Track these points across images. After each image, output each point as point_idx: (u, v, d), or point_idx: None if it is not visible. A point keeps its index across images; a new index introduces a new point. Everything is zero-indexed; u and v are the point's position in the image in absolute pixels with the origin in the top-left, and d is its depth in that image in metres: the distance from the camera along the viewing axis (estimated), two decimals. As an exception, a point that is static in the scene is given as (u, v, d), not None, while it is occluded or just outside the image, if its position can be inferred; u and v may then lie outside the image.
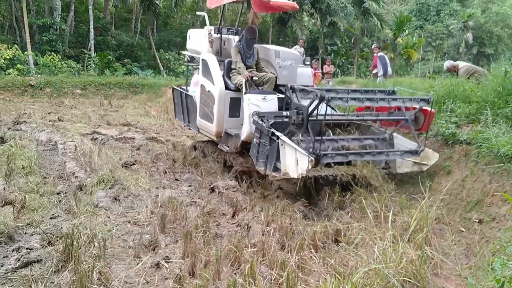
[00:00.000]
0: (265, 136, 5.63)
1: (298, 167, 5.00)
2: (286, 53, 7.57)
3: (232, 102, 6.91)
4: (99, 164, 6.88)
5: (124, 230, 4.79)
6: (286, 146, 5.24)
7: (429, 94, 6.40)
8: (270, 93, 6.54)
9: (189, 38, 8.51)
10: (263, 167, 5.72)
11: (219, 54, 7.55)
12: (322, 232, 4.54)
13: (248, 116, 6.23)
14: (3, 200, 5.33)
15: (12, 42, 23.03)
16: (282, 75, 7.24)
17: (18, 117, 12.08)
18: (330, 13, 31.17)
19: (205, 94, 7.20)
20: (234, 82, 6.95)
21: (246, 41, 7.08)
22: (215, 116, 6.93)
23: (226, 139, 6.96)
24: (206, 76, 7.17)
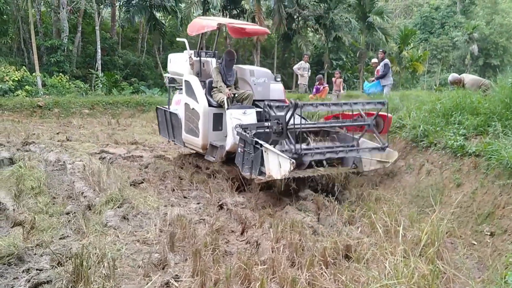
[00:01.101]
0: (249, 145, 6.42)
1: (281, 169, 5.74)
2: (259, 72, 8.55)
3: (215, 117, 7.75)
4: (107, 183, 6.90)
5: (133, 249, 4.77)
6: (269, 152, 5.98)
7: (384, 99, 7.32)
8: (250, 108, 7.50)
9: (170, 62, 9.36)
10: (248, 173, 6.48)
11: (200, 75, 8.44)
12: (332, 248, 4.50)
13: (231, 129, 7.04)
14: (13, 221, 5.36)
15: (20, 64, 23.30)
16: (257, 91, 8.13)
17: (27, 138, 12.17)
18: (334, 28, 31.34)
19: (190, 111, 8.02)
20: (216, 99, 7.76)
21: (226, 62, 8.03)
22: (200, 131, 7.73)
23: (211, 151, 7.74)
24: (190, 95, 8.02)
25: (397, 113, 8.26)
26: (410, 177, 6.72)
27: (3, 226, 5.52)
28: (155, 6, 28.97)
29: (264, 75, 8.44)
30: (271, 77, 8.62)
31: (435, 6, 47.19)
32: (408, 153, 7.12)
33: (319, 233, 5.22)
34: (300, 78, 17.48)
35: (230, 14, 31.64)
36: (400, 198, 6.26)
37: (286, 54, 37.48)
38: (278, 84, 8.66)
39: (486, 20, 41.79)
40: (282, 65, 36.27)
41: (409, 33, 34.17)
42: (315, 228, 5.37)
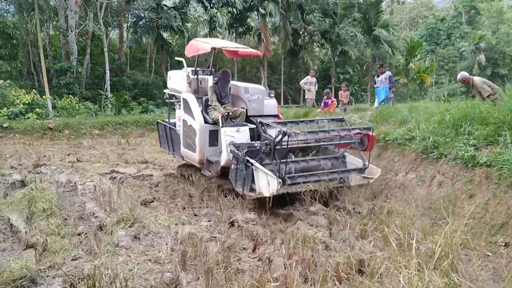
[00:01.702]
0: (241, 163, 6.92)
1: (270, 188, 6.30)
2: (253, 89, 8.93)
3: (211, 134, 8.17)
4: (118, 203, 6.91)
5: (145, 269, 4.76)
6: (259, 171, 6.51)
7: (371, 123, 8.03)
8: (243, 125, 7.85)
9: (169, 79, 9.87)
10: (241, 188, 7.01)
11: (197, 92, 8.86)
12: (345, 263, 4.45)
13: (225, 146, 7.48)
14: (25, 244, 5.38)
15: (30, 87, 23.61)
16: (252, 107, 8.60)
17: (38, 160, 12.27)
18: (340, 42, 31.50)
19: (187, 127, 8.46)
20: (211, 117, 8.17)
21: (222, 81, 8.49)
22: (197, 146, 8.17)
23: (207, 165, 8.17)
24: (188, 113, 8.42)
25: (406, 125, 8.23)
26: (421, 189, 6.67)
27: (16, 248, 5.55)
28: (162, 26, 29.34)
29: (258, 92, 8.89)
30: (265, 93, 9.04)
31: (440, 17, 47.30)
32: (418, 165, 7.08)
33: (331, 248, 5.18)
34: (307, 93, 17.50)
35: (236, 32, 31.93)
36: (412, 211, 6.21)
37: (292, 70, 37.65)
38: (272, 99, 9.09)
39: (492, 29, 41.78)
40: (289, 80, 36.41)
41: (415, 45, 34.23)
42: (327, 243, 5.33)
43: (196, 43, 9.22)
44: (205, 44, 8.77)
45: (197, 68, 9.08)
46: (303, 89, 18.88)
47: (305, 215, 6.50)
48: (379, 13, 32.77)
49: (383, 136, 8.36)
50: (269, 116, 8.60)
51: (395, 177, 7.44)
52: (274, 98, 9.18)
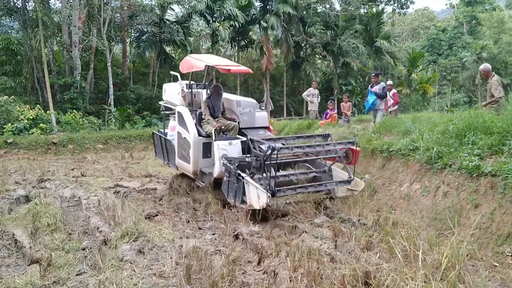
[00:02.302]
0: (233, 176, 7.26)
1: (260, 201, 6.63)
2: (245, 102, 9.26)
3: (204, 146, 8.42)
4: (122, 217, 6.90)
5: (150, 283, 4.74)
6: (250, 184, 6.83)
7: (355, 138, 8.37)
8: (235, 139, 8.14)
9: (164, 91, 10.16)
10: (233, 200, 7.32)
11: (191, 105, 9.11)
12: (351, 275, 4.41)
13: (218, 159, 7.78)
14: (30, 259, 5.37)
15: (34, 103, 23.75)
16: (244, 120, 8.93)
17: (42, 175, 12.30)
18: (342, 54, 31.64)
19: (182, 140, 8.76)
20: (205, 130, 8.43)
21: (214, 95, 8.77)
22: (191, 158, 8.44)
23: (201, 176, 8.45)
24: (182, 126, 8.72)
25: (410, 136, 8.22)
26: (426, 199, 6.64)
27: (20, 264, 5.54)
28: (165, 41, 29.59)
29: (250, 105, 9.21)
30: (256, 106, 9.38)
31: (442, 28, 47.43)
32: (423, 175, 7.05)
33: (337, 260, 5.14)
34: (310, 105, 17.53)
35: (238, 45, 32.12)
36: (417, 222, 6.17)
37: (295, 82, 37.79)
38: (263, 112, 9.45)
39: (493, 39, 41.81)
40: (292, 92, 36.51)
41: (417, 55, 34.35)
42: (332, 255, 5.29)
43: (190, 59, 9.46)
44: (199, 62, 9.03)
45: (191, 82, 9.35)
46: (306, 101, 18.90)
47: (310, 227, 6.47)
48: (380, 25, 32.96)
49: (386, 147, 8.35)
50: (260, 128, 9.04)
51: (399, 188, 7.41)
52: (265, 110, 9.61)
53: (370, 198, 7.52)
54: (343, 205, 7.35)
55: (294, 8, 30.09)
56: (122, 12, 29.01)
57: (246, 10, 30.79)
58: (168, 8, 30.33)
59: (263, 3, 32.04)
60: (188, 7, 30.39)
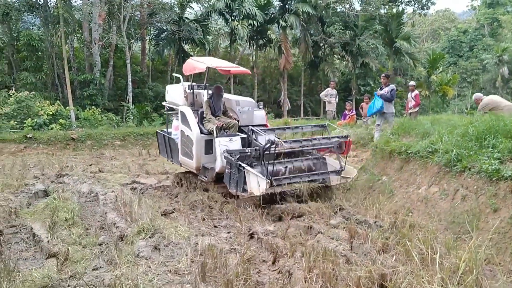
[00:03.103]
0: (234, 167, 7.74)
1: (259, 187, 7.18)
2: (244, 101, 9.86)
3: (206, 143, 8.89)
4: (139, 214, 6.95)
5: (165, 280, 4.76)
6: (250, 173, 7.36)
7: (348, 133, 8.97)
8: (235, 135, 8.69)
9: (167, 92, 10.54)
10: (234, 190, 7.81)
11: (193, 105, 9.61)
12: (366, 277, 4.38)
13: (219, 154, 8.27)
14: (47, 253, 5.43)
15: (54, 98, 24.04)
16: (243, 118, 9.44)
17: (60, 170, 12.45)
18: (361, 54, 31.43)
19: (185, 137, 9.21)
20: (206, 128, 8.91)
21: (215, 96, 9.25)
22: (194, 155, 8.91)
23: (204, 172, 8.93)
24: (185, 124, 9.14)
25: (429, 138, 8.13)
26: (444, 203, 6.55)
27: (38, 257, 5.61)
28: (183, 39, 29.71)
29: (248, 104, 9.80)
30: (254, 105, 9.92)
31: (462, 29, 46.85)
32: (441, 178, 6.96)
33: (352, 262, 5.10)
34: (327, 105, 17.43)
35: (256, 44, 32.12)
36: (435, 225, 6.10)
37: (313, 82, 37.65)
38: (261, 111, 9.94)
39: (515, 41, 41.18)
40: (309, 92, 36.39)
41: (437, 57, 33.97)
42: (348, 256, 5.26)
43: (192, 62, 9.98)
44: (200, 64, 9.56)
45: (192, 83, 9.84)
46: (324, 101, 18.81)
47: (326, 228, 6.45)
48: (400, 25, 32.67)
49: (405, 149, 8.26)
50: (258, 125, 9.29)
51: (417, 190, 7.33)
52: (262, 109, 10.05)
53: (387, 200, 7.45)
54: (360, 206, 7.27)
55: (313, 8, 29.99)
56: (142, 10, 29.21)
57: (265, 9, 30.78)
58: (187, 6, 30.49)
59: (282, 2, 31.99)
60: (207, 5, 30.50)
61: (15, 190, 9.48)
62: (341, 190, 8.83)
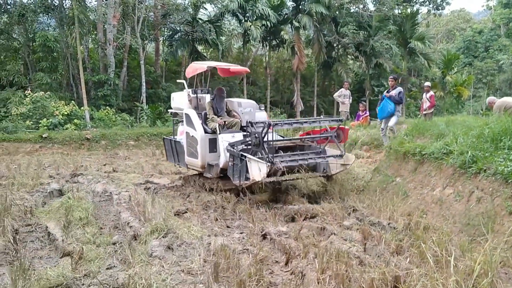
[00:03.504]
0: (236, 158, 8.20)
1: (261, 173, 7.56)
2: (246, 103, 10.50)
3: (210, 142, 9.39)
4: (152, 213, 6.99)
5: (178, 280, 4.77)
6: (252, 161, 7.79)
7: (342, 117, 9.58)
8: (237, 132, 9.29)
9: (172, 99, 11.02)
10: (238, 180, 8.20)
11: (197, 108, 10.15)
12: (380, 279, 4.36)
13: (223, 150, 8.83)
14: (62, 252, 5.48)
15: (69, 99, 24.27)
16: (245, 119, 9.72)
17: (75, 169, 12.57)
18: (375, 55, 31.23)
19: (190, 138, 9.65)
20: (210, 127, 9.44)
21: (217, 97, 9.86)
22: (199, 153, 9.38)
23: (209, 169, 9.39)
24: (190, 125, 9.64)
25: (443, 139, 8.06)
26: (459, 204, 6.50)
27: (53, 256, 5.67)
28: (197, 40, 29.77)
29: (250, 106, 10.37)
30: (256, 106, 10.45)
31: (478, 30, 46.35)
32: (456, 180, 6.90)
33: (366, 263, 5.07)
34: (341, 106, 17.32)
35: (270, 45, 32.09)
36: (449, 227, 6.05)
37: (326, 82, 37.50)
38: (262, 112, 10.47)
39: (532, 42, 40.66)
40: (323, 93, 36.26)
41: (452, 57, 33.63)
42: (361, 258, 5.23)
43: (195, 65, 10.92)
44: (202, 65, 10.58)
45: (195, 88, 10.55)
46: (337, 101, 18.72)
47: (339, 229, 6.42)
48: (415, 26, 32.39)
49: (419, 150, 8.21)
50: None
51: (431, 192, 7.27)
52: (264, 111, 10.59)
53: (401, 202, 7.41)
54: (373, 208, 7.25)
55: (327, 8, 29.87)
56: (156, 11, 29.34)
57: (279, 10, 30.71)
58: (201, 7, 30.55)
59: (295, 3, 31.91)
60: (221, 6, 30.50)
61: (31, 189, 9.60)
62: (354, 191, 8.84)
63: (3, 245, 5.72)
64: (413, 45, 31.54)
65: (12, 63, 25.66)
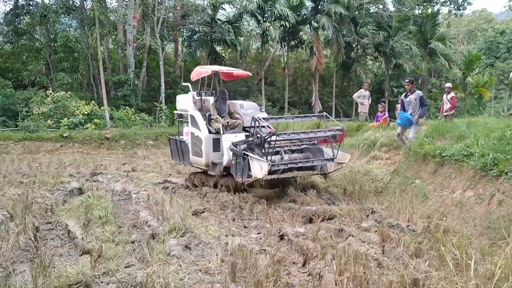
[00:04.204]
0: (239, 157, 8.62)
1: (262, 170, 8.03)
2: (247, 105, 10.88)
3: (214, 141, 9.83)
4: (170, 213, 7.02)
5: (196, 279, 4.79)
6: (253, 159, 8.21)
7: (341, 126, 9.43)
8: (240, 132, 9.76)
9: (178, 102, 11.47)
10: (240, 178, 8.60)
11: (201, 110, 10.59)
12: (398, 282, 4.31)
13: (226, 149, 9.25)
14: (82, 250, 5.54)
15: (89, 99, 24.60)
16: (246, 120, 10.17)
17: (95, 168, 12.72)
18: (394, 55, 30.96)
19: (195, 138, 10.12)
20: (214, 127, 9.93)
21: (220, 100, 10.38)
22: (203, 152, 9.82)
23: (213, 167, 9.85)
24: (194, 126, 10.10)
25: (464, 141, 7.95)
26: (480, 207, 6.39)
27: (72, 254, 5.74)
28: (215, 40, 29.90)
29: (251, 107, 10.76)
30: (257, 108, 10.88)
31: (500, 30, 45.60)
32: (477, 182, 6.79)
33: (384, 266, 5.03)
34: (360, 106, 17.23)
35: (288, 45, 32.06)
36: (470, 230, 5.96)
37: (345, 83, 37.31)
38: (263, 113, 10.71)
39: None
40: (341, 93, 36.09)
41: (473, 58, 33.15)
42: (380, 260, 5.18)
43: (200, 69, 11.29)
44: (207, 69, 11.12)
45: (200, 91, 11.01)
46: (356, 102, 18.61)
47: (357, 231, 6.37)
48: (435, 26, 32.03)
49: (439, 152, 8.11)
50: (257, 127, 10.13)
51: (451, 194, 7.18)
52: (264, 112, 10.98)
53: (421, 204, 7.32)
54: (392, 210, 7.18)
55: (346, 9, 29.73)
56: (175, 12, 29.55)
57: (297, 10, 30.68)
58: (219, 8, 30.66)
59: (314, 3, 31.83)
60: (239, 7, 30.58)
61: (51, 188, 9.74)
62: (373, 192, 8.79)
63: (24, 243, 5.81)
64: (433, 46, 31.20)
65: (34, 63, 26.11)
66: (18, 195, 8.32)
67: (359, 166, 10.92)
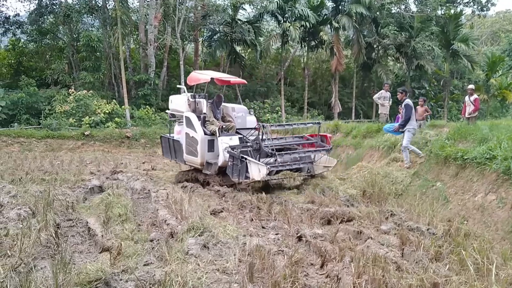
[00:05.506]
0: (237, 159, 9.27)
1: (260, 173, 8.73)
2: (238, 108, 11.80)
3: (209, 142, 10.48)
4: (189, 212, 7.05)
5: (214, 278, 4.80)
6: (252, 162, 8.90)
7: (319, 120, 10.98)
8: (234, 135, 10.42)
9: (171, 102, 12.04)
10: (237, 178, 9.31)
11: (195, 111, 11.06)
12: (418, 286, 4.26)
13: (221, 151, 9.87)
14: (101, 247, 5.59)
15: (111, 98, 24.88)
16: (237, 122, 11.16)
17: (115, 167, 12.85)
18: (416, 56, 30.64)
19: (190, 138, 10.74)
20: (209, 129, 10.53)
21: (216, 103, 11.02)
22: (199, 153, 10.45)
23: (207, 166, 10.51)
24: (190, 127, 10.71)
25: (487, 144, 7.82)
26: (502, 211, 6.29)
27: (92, 251, 5.80)
28: (235, 40, 29.97)
29: (242, 111, 11.70)
30: (247, 111, 11.81)
31: (525, 31, 44.75)
32: (499, 186, 6.69)
33: (403, 269, 4.97)
34: (380, 108, 17.05)
35: (308, 45, 31.95)
36: (491, 234, 5.87)
37: (365, 84, 37.04)
38: (252, 116, 11.87)
39: None
40: (361, 94, 35.83)
41: (497, 60, 32.63)
42: (399, 263, 5.12)
43: (197, 74, 12.00)
44: (205, 75, 11.68)
45: (194, 94, 11.55)
46: (377, 103, 18.43)
47: (376, 233, 6.32)
48: (458, 27, 31.57)
49: (461, 155, 7.99)
50: (250, 128, 11.11)
51: (473, 198, 7.07)
52: (253, 115, 11.97)
53: (441, 207, 7.23)
54: (412, 212, 7.11)
55: (367, 9, 29.51)
56: (196, 12, 29.71)
57: (318, 10, 30.56)
58: (240, 8, 30.72)
59: (335, 3, 31.69)
60: (260, 7, 30.59)
61: (73, 185, 9.88)
62: (392, 195, 8.71)
63: (45, 239, 5.89)
64: (456, 47, 30.77)
65: (57, 62, 26.53)
66: (40, 192, 8.44)
67: (379, 168, 10.83)
